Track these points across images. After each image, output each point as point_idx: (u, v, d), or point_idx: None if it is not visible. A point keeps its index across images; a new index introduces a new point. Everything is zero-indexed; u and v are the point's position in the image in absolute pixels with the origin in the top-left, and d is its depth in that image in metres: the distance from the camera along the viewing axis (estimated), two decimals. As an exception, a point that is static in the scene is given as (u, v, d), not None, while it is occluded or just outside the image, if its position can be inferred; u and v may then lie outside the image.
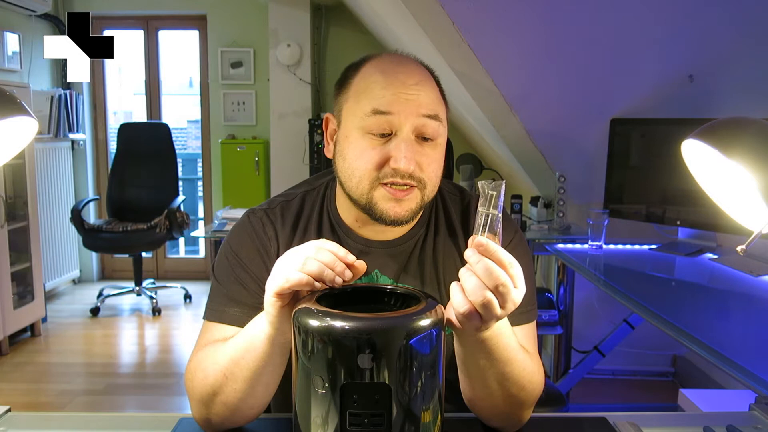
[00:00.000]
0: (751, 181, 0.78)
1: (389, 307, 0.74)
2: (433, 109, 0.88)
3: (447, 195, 1.04)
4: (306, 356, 0.64)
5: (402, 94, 0.86)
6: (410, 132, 0.87)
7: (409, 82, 0.87)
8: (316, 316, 0.64)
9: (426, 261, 0.98)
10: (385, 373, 0.62)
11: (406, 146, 0.86)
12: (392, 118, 0.86)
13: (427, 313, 0.66)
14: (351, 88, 0.91)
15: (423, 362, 0.64)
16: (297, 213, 1.00)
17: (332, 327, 0.63)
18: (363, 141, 0.87)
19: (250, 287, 0.93)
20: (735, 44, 2.32)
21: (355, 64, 0.94)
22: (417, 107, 0.86)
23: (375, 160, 0.86)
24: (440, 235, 1.00)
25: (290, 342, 0.70)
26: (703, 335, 1.37)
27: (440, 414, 0.68)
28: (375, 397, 0.63)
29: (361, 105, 0.88)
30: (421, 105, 0.87)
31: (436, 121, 0.88)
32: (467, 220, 1.01)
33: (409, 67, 0.90)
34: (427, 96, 0.88)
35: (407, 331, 0.63)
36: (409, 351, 0.63)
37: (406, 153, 0.85)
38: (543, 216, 2.99)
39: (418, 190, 0.89)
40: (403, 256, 0.98)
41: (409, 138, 0.86)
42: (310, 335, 0.64)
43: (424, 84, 0.89)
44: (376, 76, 0.89)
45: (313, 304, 0.67)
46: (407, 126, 0.86)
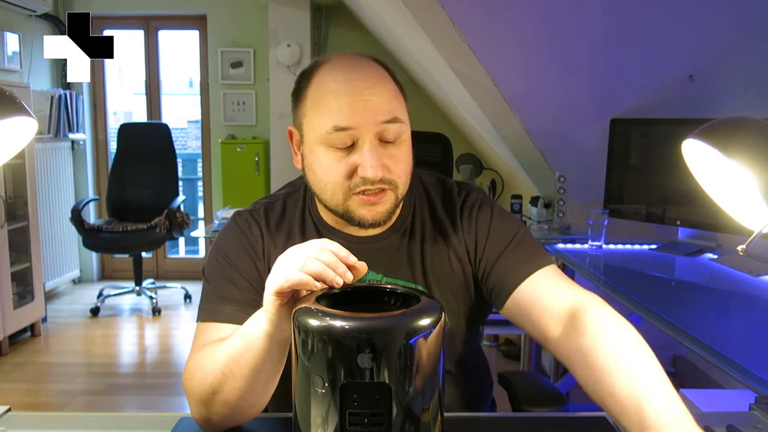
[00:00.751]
0: (751, 181, 0.78)
1: (389, 306, 0.74)
2: (391, 112, 0.88)
3: (428, 186, 1.06)
4: (306, 356, 0.64)
5: (358, 103, 0.86)
6: (373, 139, 0.87)
7: (362, 87, 0.87)
8: (316, 316, 0.64)
9: (414, 253, 1.00)
10: (385, 373, 0.62)
11: (371, 155, 0.87)
12: (353, 132, 0.87)
13: (427, 312, 0.66)
14: (307, 99, 0.91)
15: (423, 362, 0.64)
16: (280, 214, 1.03)
17: (332, 327, 0.63)
18: (328, 155, 0.89)
19: (242, 285, 0.94)
20: (735, 44, 2.32)
21: (307, 71, 0.94)
22: (374, 115, 0.87)
23: (343, 172, 0.88)
24: (426, 225, 1.02)
25: (289, 339, 0.70)
26: (703, 335, 1.37)
27: (440, 414, 0.68)
28: (375, 397, 0.63)
29: (321, 120, 0.88)
30: (378, 111, 0.87)
31: (396, 123, 0.88)
32: (451, 208, 1.03)
33: (361, 71, 0.89)
34: (383, 99, 0.88)
35: (407, 331, 0.63)
36: (409, 351, 0.63)
37: (371, 162, 0.86)
38: (543, 216, 2.99)
39: (390, 190, 0.91)
40: (390, 249, 0.99)
41: (373, 145, 0.87)
42: (310, 335, 0.64)
43: (379, 86, 0.89)
44: (330, 85, 0.89)
45: (313, 304, 0.67)
46: (368, 135, 0.87)
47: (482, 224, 1.01)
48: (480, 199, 1.04)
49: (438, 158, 1.97)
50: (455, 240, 1.01)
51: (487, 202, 1.04)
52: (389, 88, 0.90)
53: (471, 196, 1.04)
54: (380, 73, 0.91)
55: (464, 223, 1.02)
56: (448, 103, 3.51)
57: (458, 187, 1.06)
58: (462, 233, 1.01)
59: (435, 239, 1.01)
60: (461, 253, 1.01)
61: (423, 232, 1.01)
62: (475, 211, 1.02)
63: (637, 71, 2.47)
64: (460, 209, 1.03)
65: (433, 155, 1.98)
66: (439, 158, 1.98)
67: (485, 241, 1.00)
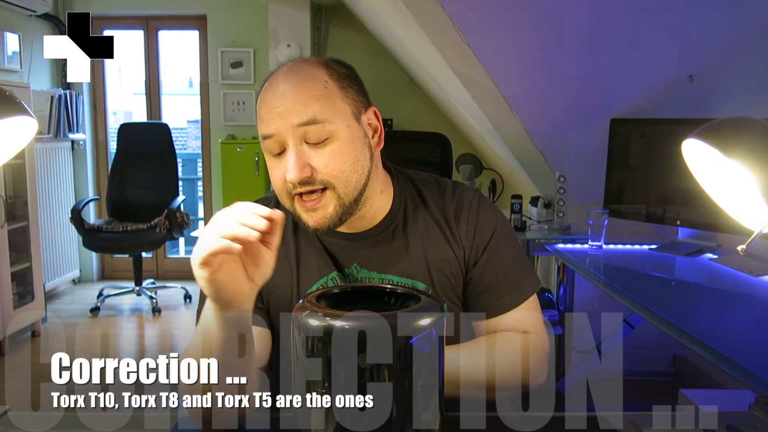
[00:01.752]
0: (751, 181, 0.78)
1: (389, 306, 0.74)
2: (306, 113, 0.88)
3: (419, 183, 1.05)
4: (306, 356, 0.64)
5: (273, 110, 0.89)
6: (296, 143, 0.89)
7: (278, 95, 0.89)
8: (316, 316, 0.64)
9: (410, 247, 1.00)
10: (385, 373, 0.62)
11: (290, 157, 0.88)
12: (278, 138, 0.89)
13: (427, 312, 0.66)
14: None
15: (423, 362, 0.64)
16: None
17: (332, 327, 0.63)
18: (270, 162, 0.93)
19: None
20: (735, 44, 2.32)
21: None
22: (288, 119, 0.88)
23: (279, 176, 0.91)
24: (419, 222, 1.01)
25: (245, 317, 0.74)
26: (703, 335, 1.37)
27: (440, 414, 0.68)
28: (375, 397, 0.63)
29: (259, 130, 0.92)
30: (291, 115, 0.88)
31: (316, 124, 0.88)
32: (447, 205, 1.03)
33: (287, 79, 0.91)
34: (296, 102, 0.88)
35: (407, 331, 0.63)
36: (409, 351, 0.63)
37: (290, 165, 0.88)
38: (543, 216, 2.99)
39: (329, 191, 0.90)
40: (383, 245, 0.99)
41: (296, 148, 0.89)
42: (310, 335, 0.64)
43: (296, 89, 0.89)
44: (262, 95, 0.92)
45: (313, 304, 0.67)
46: (290, 140, 0.89)
47: (480, 237, 1.01)
48: (479, 200, 1.04)
49: (438, 158, 1.97)
50: (452, 238, 1.01)
51: (490, 208, 1.04)
52: (309, 90, 0.90)
53: (468, 196, 1.04)
54: (306, 76, 0.91)
55: (462, 224, 1.02)
56: (448, 103, 3.51)
57: (453, 186, 1.06)
58: (459, 234, 1.01)
59: (430, 234, 1.01)
60: (458, 251, 1.01)
61: (417, 227, 1.01)
62: (475, 214, 1.02)
63: (637, 71, 2.47)
64: (459, 208, 1.03)
65: (432, 155, 1.97)
66: (438, 158, 1.97)
67: (478, 258, 1.01)
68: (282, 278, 0.99)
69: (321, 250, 1.00)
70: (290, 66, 0.94)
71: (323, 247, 1.01)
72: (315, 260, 1.00)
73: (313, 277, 1.00)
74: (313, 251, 1.00)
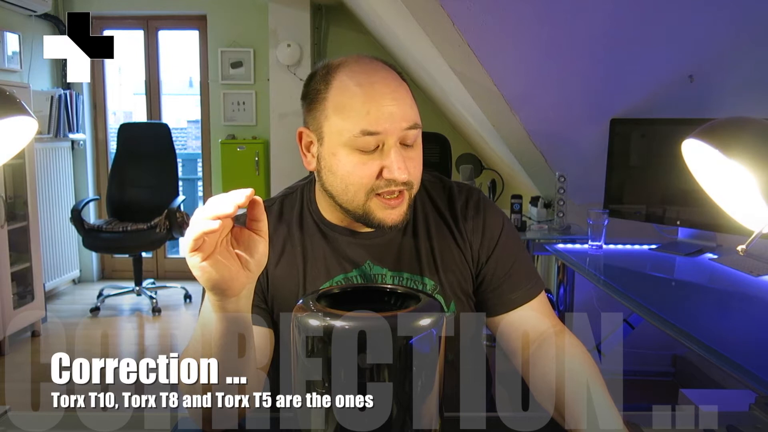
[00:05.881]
0: (751, 181, 0.78)
1: (389, 306, 0.74)
2: (413, 118, 0.92)
3: (427, 183, 1.07)
4: (306, 356, 0.64)
5: (384, 108, 0.90)
6: (397, 143, 0.91)
7: (386, 92, 0.91)
8: (316, 316, 0.64)
9: (420, 247, 1.02)
10: (385, 373, 0.62)
11: (397, 157, 0.90)
12: (380, 136, 0.90)
13: (427, 312, 0.66)
14: (327, 103, 0.93)
15: (423, 362, 0.64)
16: (278, 214, 1.04)
17: (332, 327, 0.63)
18: (353, 157, 0.92)
19: None
20: (735, 44, 2.32)
21: (322, 74, 0.96)
22: (400, 121, 0.91)
23: (368, 173, 0.91)
24: (429, 221, 1.04)
25: (245, 317, 0.74)
26: (703, 335, 1.37)
27: (440, 414, 0.68)
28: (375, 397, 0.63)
29: (346, 124, 0.91)
30: (403, 118, 0.91)
31: (417, 128, 0.93)
32: (453, 205, 1.05)
33: (383, 75, 0.93)
34: (405, 104, 0.92)
35: (407, 331, 0.63)
36: (409, 351, 0.63)
37: (398, 164, 0.90)
38: (543, 216, 2.99)
39: (406, 191, 0.94)
40: (394, 244, 1.01)
41: (397, 148, 0.91)
42: (310, 335, 0.64)
43: (400, 90, 0.93)
44: (353, 89, 0.91)
45: (313, 304, 0.67)
46: (393, 139, 0.91)
47: (490, 233, 1.04)
48: (484, 201, 1.07)
49: (437, 158, 1.98)
50: (459, 236, 1.03)
51: (495, 207, 1.07)
52: (408, 92, 0.94)
53: (473, 195, 1.07)
54: (398, 79, 0.95)
55: (469, 222, 1.04)
56: (448, 103, 3.51)
57: (457, 186, 1.09)
58: (465, 232, 1.03)
59: (440, 233, 1.03)
60: (465, 249, 1.03)
61: (427, 226, 1.03)
62: (481, 213, 1.05)
63: (637, 71, 2.47)
64: (465, 207, 1.05)
65: (432, 155, 1.98)
66: (438, 158, 1.98)
67: (489, 254, 1.03)
68: (289, 278, 1.00)
69: (329, 250, 1.01)
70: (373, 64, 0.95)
71: (333, 246, 1.01)
72: (324, 260, 1.01)
73: (322, 277, 1.00)
74: (320, 251, 1.01)
